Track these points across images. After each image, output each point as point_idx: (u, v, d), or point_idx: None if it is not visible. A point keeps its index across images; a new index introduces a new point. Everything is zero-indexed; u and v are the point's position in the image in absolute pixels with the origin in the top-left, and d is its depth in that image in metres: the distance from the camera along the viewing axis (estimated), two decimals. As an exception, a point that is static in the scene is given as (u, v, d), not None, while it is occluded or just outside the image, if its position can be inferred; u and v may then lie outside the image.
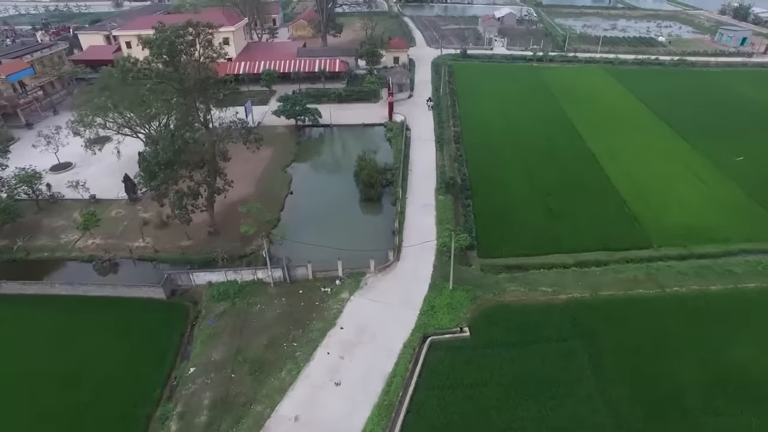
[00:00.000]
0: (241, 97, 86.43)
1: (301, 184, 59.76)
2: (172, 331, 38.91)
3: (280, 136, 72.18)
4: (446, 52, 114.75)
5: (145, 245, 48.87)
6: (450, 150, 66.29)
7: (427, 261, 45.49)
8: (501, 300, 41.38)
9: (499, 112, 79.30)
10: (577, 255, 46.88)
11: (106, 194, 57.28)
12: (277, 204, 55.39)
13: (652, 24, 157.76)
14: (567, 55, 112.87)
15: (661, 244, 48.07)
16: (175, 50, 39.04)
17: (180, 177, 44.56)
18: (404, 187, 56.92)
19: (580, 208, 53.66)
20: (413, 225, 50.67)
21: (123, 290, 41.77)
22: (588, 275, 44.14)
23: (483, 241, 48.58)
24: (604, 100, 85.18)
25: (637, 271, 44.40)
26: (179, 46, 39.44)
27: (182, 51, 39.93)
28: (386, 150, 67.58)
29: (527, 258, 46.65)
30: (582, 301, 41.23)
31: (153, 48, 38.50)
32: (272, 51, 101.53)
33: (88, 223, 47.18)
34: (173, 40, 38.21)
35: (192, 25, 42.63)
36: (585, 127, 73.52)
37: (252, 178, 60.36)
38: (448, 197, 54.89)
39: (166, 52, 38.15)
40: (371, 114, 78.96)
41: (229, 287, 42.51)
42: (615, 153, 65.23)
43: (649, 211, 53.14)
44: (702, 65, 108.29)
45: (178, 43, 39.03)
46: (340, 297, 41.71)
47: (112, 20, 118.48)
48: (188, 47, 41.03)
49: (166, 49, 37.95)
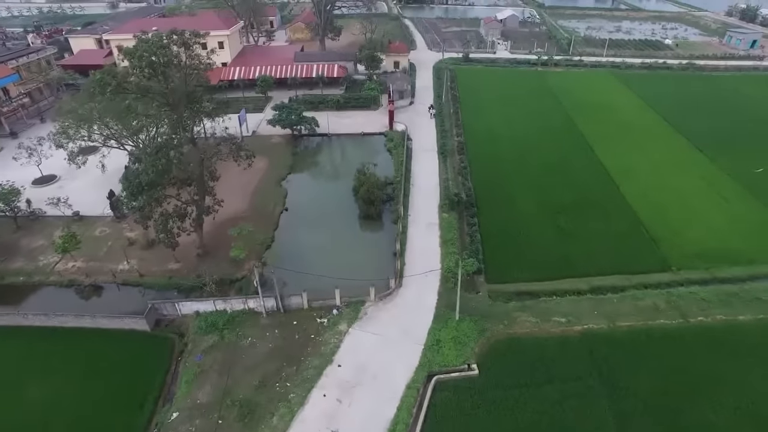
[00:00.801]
0: (236, 104, 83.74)
1: (297, 199, 56.57)
2: (154, 369, 35.75)
3: (276, 146, 68.99)
4: (448, 55, 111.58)
5: (130, 269, 45.69)
6: (453, 162, 63.13)
7: (431, 287, 42.37)
8: (511, 332, 38.26)
9: (503, 120, 76.15)
10: (591, 279, 43.79)
11: (91, 210, 54.11)
12: (271, 222, 52.23)
13: (657, 26, 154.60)
14: (572, 58, 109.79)
15: (680, 267, 44.97)
16: (157, 62, 35.82)
17: (165, 197, 41.41)
18: (406, 203, 53.79)
19: (592, 227, 50.54)
20: (416, 246, 47.52)
21: (103, 321, 38.58)
22: (604, 303, 41.01)
23: (490, 264, 45.43)
24: (613, 107, 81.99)
25: (656, 297, 41.30)
26: (162, 58, 36.21)
27: (166, 63, 36.69)
28: (387, 161, 64.40)
29: (538, 283, 43.52)
30: (599, 333, 38.12)
31: (133, 60, 35.30)
32: (268, 55, 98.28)
33: (68, 246, 43.97)
34: (155, 51, 34.98)
35: (177, 33, 39.47)
36: (595, 137, 70.36)
37: (245, 192, 57.20)
38: (452, 215, 51.74)
39: (146, 65, 34.92)
40: (371, 122, 75.80)
41: (217, 318, 39.39)
42: (628, 166, 62.03)
43: (666, 230, 50.00)
44: (711, 69, 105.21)
45: (160, 55, 35.81)
46: (337, 329, 38.55)
47: (103, 23, 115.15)
48: (173, 58, 37.79)
49: (146, 61, 34.72)
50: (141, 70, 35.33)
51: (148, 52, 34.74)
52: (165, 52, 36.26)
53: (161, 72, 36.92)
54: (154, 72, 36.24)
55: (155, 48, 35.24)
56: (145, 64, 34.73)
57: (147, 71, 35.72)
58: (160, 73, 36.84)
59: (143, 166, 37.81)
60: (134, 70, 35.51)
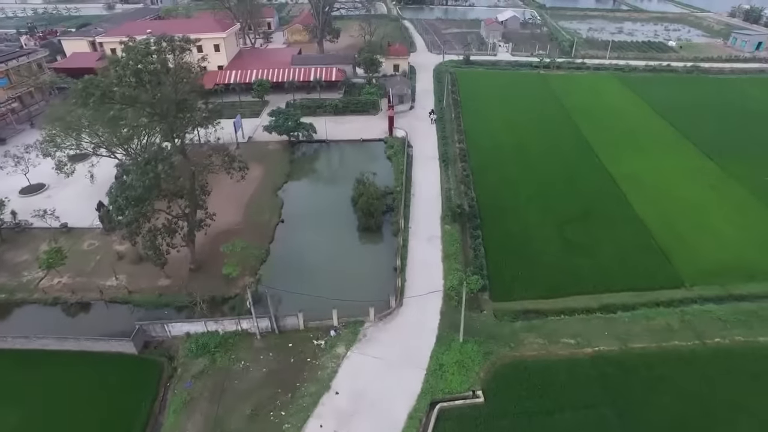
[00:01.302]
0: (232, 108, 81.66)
1: (294, 210, 54.55)
2: (141, 396, 33.74)
3: (272, 153, 66.97)
4: (448, 58, 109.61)
5: (118, 285, 43.66)
6: (456, 170, 61.15)
7: (434, 306, 40.40)
8: (518, 355, 36.33)
9: (506, 125, 74.17)
10: (600, 297, 41.86)
11: (80, 221, 52.08)
12: (267, 235, 50.23)
13: (659, 27, 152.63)
14: (575, 61, 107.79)
15: (694, 283, 43.01)
16: (144, 71, 33.81)
17: (155, 211, 39.37)
18: (406, 215, 51.81)
19: (600, 240, 48.60)
20: (417, 261, 45.54)
21: (87, 344, 36.54)
22: (615, 323, 39.06)
23: (495, 280, 43.50)
24: (618, 112, 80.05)
25: (670, 316, 39.36)
26: (149, 66, 34.19)
27: (153, 71, 34.67)
28: (386, 169, 62.39)
29: (545, 301, 41.59)
30: (611, 356, 36.17)
31: (118, 69, 33.29)
32: (265, 58, 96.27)
33: (53, 261, 41.94)
34: (140, 60, 32.95)
35: (165, 39, 37.45)
36: (600, 143, 68.41)
37: (240, 203, 55.18)
38: (454, 227, 49.78)
39: (132, 74, 32.90)
40: (370, 128, 73.78)
41: (209, 339, 37.41)
42: (636, 175, 60.03)
43: (677, 242, 48.08)
44: (716, 72, 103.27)
45: (147, 63, 33.79)
46: (335, 352, 36.55)
47: (97, 25, 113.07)
48: (161, 66, 35.77)
49: (131, 70, 32.70)
50: (126, 79, 33.27)
51: (133, 60, 32.72)
52: (152, 60, 34.20)
53: (148, 81, 34.87)
54: (140, 81, 34.21)
55: (141, 56, 33.20)
56: (130, 73, 32.71)
57: (133, 80, 33.68)
58: (147, 82, 34.78)
59: (130, 179, 35.80)
60: (119, 80, 33.42)
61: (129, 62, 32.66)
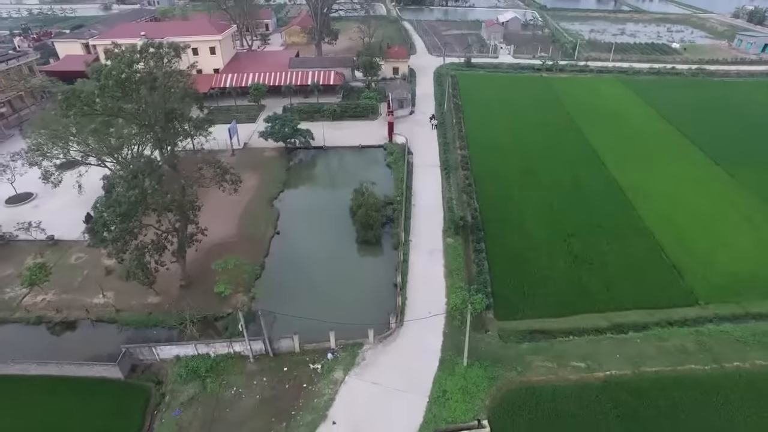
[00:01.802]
0: (227, 113, 79.87)
1: (290, 221, 52.60)
2: (127, 425, 31.87)
3: (268, 161, 64.99)
4: (449, 60, 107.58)
5: (106, 303, 41.70)
6: (457, 178, 59.22)
7: (436, 326, 38.47)
8: (525, 380, 34.43)
9: (509, 131, 72.25)
10: (610, 315, 39.99)
11: (68, 233, 50.12)
12: (262, 248, 48.28)
13: (662, 28, 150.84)
14: (578, 63, 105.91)
15: (708, 300, 41.12)
16: (128, 80, 31.85)
17: (142, 226, 37.36)
18: (407, 227, 49.87)
19: (609, 253, 46.71)
20: (418, 277, 43.61)
21: (70, 369, 34.58)
22: (626, 344, 37.16)
23: (500, 297, 41.58)
24: (623, 116, 78.11)
25: (684, 337, 37.47)
26: (134, 76, 32.24)
27: (138, 81, 32.72)
28: (386, 177, 60.46)
29: (553, 320, 39.72)
30: (623, 380, 34.28)
31: (100, 80, 31.31)
32: (262, 61, 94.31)
33: (36, 278, 39.96)
34: (124, 70, 30.97)
35: (153, 45, 35.55)
36: (605, 149, 66.51)
37: (234, 213, 53.21)
38: (457, 240, 47.87)
39: (114, 84, 30.92)
40: (369, 133, 71.81)
41: (199, 363, 35.50)
42: (644, 184, 58.09)
43: (688, 256, 46.19)
44: (722, 74, 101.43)
45: (131, 73, 31.82)
46: (332, 377, 34.61)
47: (91, 27, 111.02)
48: (147, 75, 33.82)
49: (113, 80, 30.72)
50: (108, 90, 31.28)
51: (116, 70, 30.73)
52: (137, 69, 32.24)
53: (134, 91, 32.92)
54: (125, 91, 32.25)
55: (125, 65, 31.22)
56: (113, 83, 30.70)
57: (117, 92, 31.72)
58: (133, 91, 32.83)
59: (115, 195, 33.85)
60: (101, 91, 31.44)
61: (112, 72, 30.66)
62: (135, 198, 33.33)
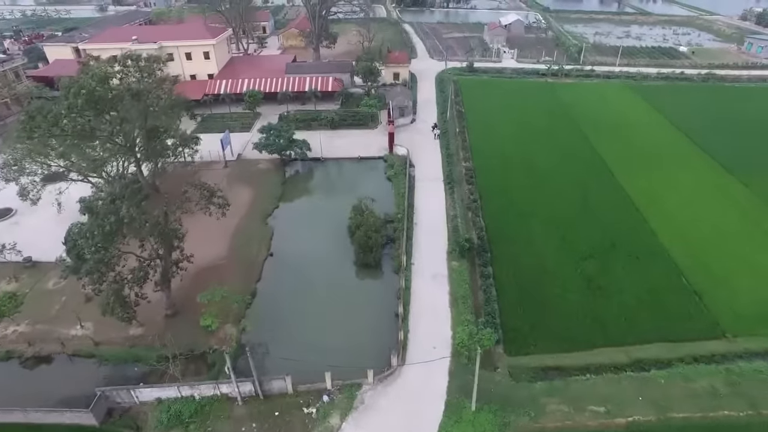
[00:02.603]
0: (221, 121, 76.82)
1: (284, 241, 49.48)
2: (98, 483, 28.68)
3: (262, 173, 61.85)
4: (451, 65, 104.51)
5: (84, 334, 38.57)
6: (462, 193, 56.08)
7: (441, 364, 35.29)
8: (540, 426, 31.45)
9: (514, 141, 69.12)
10: (630, 350, 36.88)
11: (47, 254, 46.76)
12: (254, 272, 45.19)
13: (668, 31, 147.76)
14: (583, 68, 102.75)
15: (736, 332, 38.01)
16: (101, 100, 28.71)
17: (121, 255, 34.25)
18: (409, 248, 46.74)
19: (625, 278, 43.63)
20: (422, 305, 40.50)
21: (38, 416, 31.43)
22: (649, 384, 34.07)
23: (509, 329, 38.49)
24: (632, 125, 74.95)
25: (713, 377, 34.37)
26: (108, 94, 29.09)
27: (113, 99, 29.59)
28: (386, 191, 57.38)
29: (567, 355, 36.61)
30: (648, 428, 31.25)
31: (69, 98, 28.16)
32: (258, 66, 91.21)
33: (5, 310, 36.86)
34: (95, 87, 27.78)
35: (132, 57, 32.37)
36: (615, 160, 63.38)
37: (225, 232, 49.98)
38: (463, 263, 44.76)
39: (84, 103, 27.76)
40: (369, 143, 68.66)
41: (183, 407, 32.43)
42: (658, 199, 55.02)
43: (710, 280, 43.12)
44: (732, 80, 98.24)
45: (104, 90, 28.66)
46: (328, 424, 31.52)
47: (83, 30, 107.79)
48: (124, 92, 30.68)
49: (83, 99, 27.56)
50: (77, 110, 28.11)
51: (86, 87, 27.55)
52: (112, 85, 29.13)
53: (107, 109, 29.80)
54: (97, 110, 29.12)
55: (96, 81, 28.04)
56: (82, 102, 27.52)
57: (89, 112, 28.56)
58: (106, 110, 29.71)
59: (88, 224, 30.72)
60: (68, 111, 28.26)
61: (81, 90, 27.50)
62: (110, 227, 30.18)
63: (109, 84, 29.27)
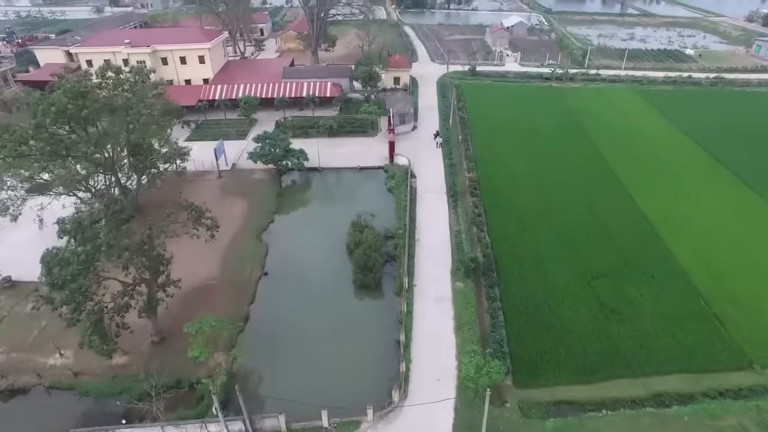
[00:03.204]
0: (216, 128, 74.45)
1: (280, 258, 46.95)
2: None
3: (257, 185, 59.28)
4: (453, 68, 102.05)
5: (63, 363, 36.01)
6: (466, 206, 53.55)
7: (446, 399, 32.71)
8: (555, 471, 28.73)
9: (519, 150, 66.55)
10: (648, 382, 34.35)
11: (29, 272, 43.81)
12: (247, 293, 42.66)
13: (672, 33, 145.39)
14: (589, 72, 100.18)
15: (764, 363, 35.39)
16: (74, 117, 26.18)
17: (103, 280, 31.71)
18: (411, 267, 44.21)
19: (639, 300, 41.08)
20: (425, 331, 37.97)
21: (7, 462, 28.87)
22: (672, 423, 31.55)
23: (518, 358, 35.91)
24: (642, 133, 72.39)
25: (741, 414, 31.82)
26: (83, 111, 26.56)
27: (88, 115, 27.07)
28: (387, 204, 54.88)
29: (581, 387, 34.11)
30: (672, 473, 28.60)
31: (38, 116, 25.65)
32: (255, 71, 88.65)
33: (-21, 339, 34.29)
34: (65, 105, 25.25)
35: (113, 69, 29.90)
36: (627, 172, 60.76)
37: (217, 249, 47.14)
38: (468, 284, 42.21)
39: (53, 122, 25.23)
40: (369, 152, 66.10)
41: (166, 449, 29.78)
42: (672, 212, 52.57)
43: (734, 306, 40.43)
44: (742, 84, 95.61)
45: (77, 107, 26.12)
46: (323, 469, 28.96)
47: (75, 33, 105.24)
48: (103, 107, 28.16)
49: (52, 118, 25.03)
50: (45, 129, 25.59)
51: (57, 105, 25.02)
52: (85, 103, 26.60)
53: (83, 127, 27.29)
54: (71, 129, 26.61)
55: (70, 98, 25.51)
56: (50, 121, 25.00)
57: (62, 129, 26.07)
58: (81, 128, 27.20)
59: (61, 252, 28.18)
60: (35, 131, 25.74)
61: (51, 107, 24.98)
62: (86, 256, 27.65)
63: (84, 101, 26.69)
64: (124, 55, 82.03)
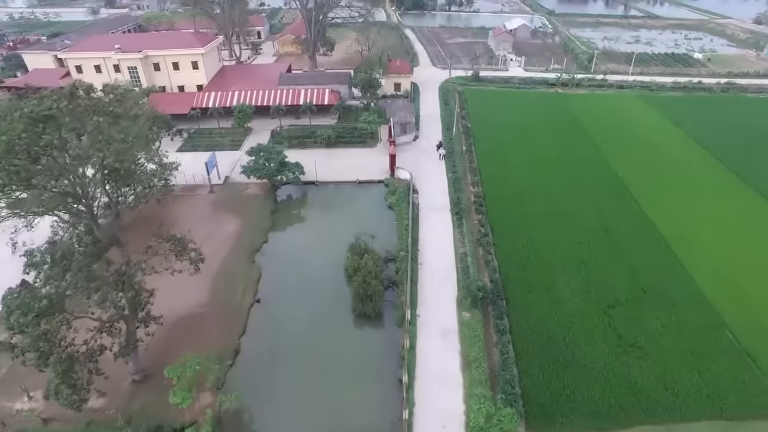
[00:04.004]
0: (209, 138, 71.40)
1: (273, 282, 43.89)
2: None
3: (251, 200, 56.16)
4: (455, 73, 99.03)
5: (31, 408, 32.93)
6: (471, 225, 50.48)
7: (454, 451, 29.72)
8: None
9: (526, 162, 63.41)
10: (675, 429, 31.33)
11: (3, 300, 41.04)
12: (238, 323, 39.57)
13: (678, 36, 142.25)
14: (595, 77, 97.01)
15: (801, 407, 32.32)
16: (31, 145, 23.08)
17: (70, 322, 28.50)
18: (414, 295, 41.10)
19: (661, 332, 38.04)
20: (429, 371, 34.89)
21: None
22: (702, 478, 28.41)
23: (532, 401, 32.84)
24: (653, 144, 69.28)
25: (778, 470, 28.71)
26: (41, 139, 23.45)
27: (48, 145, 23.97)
28: (388, 222, 51.78)
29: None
30: None
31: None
32: (250, 77, 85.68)
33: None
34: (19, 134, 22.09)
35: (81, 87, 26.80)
36: (638, 185, 57.70)
37: (208, 271, 43.60)
38: (475, 315, 39.07)
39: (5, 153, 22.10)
40: (368, 165, 63.01)
41: None
42: (688, 230, 49.58)
43: (763, 337, 37.37)
44: (755, 90, 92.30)
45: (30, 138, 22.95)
46: None
47: (65, 37, 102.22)
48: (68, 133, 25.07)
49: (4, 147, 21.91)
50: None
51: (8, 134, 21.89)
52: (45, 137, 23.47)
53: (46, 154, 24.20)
54: (31, 157, 23.52)
55: (25, 124, 22.37)
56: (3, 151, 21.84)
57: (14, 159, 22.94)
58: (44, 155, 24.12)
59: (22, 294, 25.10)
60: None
61: (2, 136, 21.90)
62: (49, 301, 24.52)
63: (44, 126, 23.55)
64: (114, 60, 79.18)
